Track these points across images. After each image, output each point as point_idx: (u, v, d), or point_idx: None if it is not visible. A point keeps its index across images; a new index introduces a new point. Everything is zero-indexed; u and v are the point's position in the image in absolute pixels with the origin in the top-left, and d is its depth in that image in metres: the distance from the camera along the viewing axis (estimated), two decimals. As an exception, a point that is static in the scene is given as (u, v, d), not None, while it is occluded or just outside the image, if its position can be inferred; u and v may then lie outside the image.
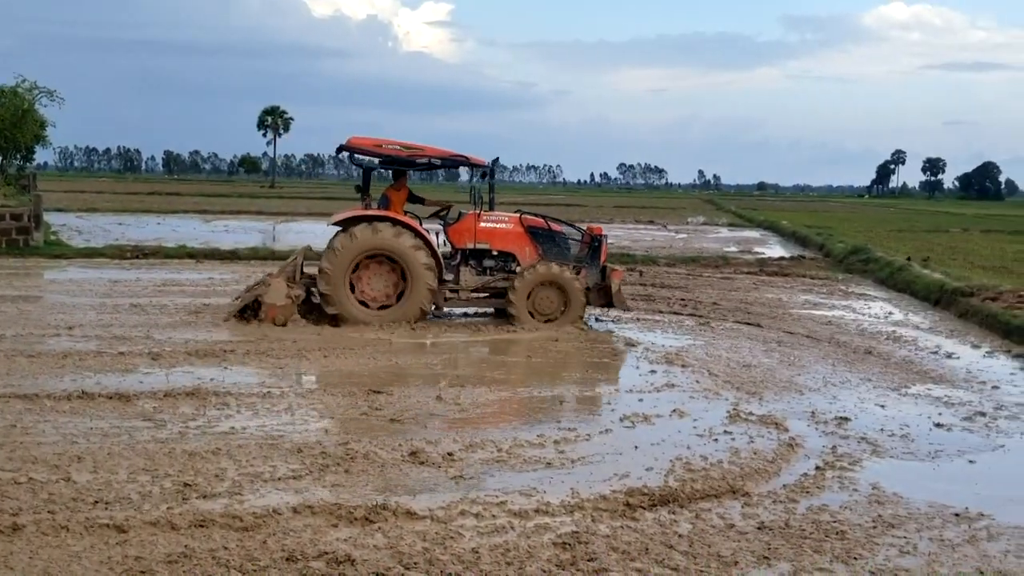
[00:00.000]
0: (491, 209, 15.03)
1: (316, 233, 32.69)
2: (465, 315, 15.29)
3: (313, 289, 14.31)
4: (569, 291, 14.43)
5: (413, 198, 15.30)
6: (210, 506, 6.26)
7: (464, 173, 16.16)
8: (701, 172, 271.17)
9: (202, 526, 5.90)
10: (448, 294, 14.60)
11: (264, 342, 12.13)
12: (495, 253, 14.94)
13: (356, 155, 14.74)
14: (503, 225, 15.01)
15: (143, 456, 7.27)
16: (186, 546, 5.57)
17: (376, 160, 14.81)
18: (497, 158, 15.43)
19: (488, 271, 14.95)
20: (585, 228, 15.88)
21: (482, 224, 14.82)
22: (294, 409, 8.96)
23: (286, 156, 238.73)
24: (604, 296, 14.91)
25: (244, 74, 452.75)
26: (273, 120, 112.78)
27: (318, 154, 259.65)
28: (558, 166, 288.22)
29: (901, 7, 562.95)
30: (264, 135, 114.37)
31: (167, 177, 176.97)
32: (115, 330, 12.57)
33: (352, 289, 14.02)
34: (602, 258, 15.21)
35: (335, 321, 13.85)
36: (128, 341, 11.84)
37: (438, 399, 9.58)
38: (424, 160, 14.77)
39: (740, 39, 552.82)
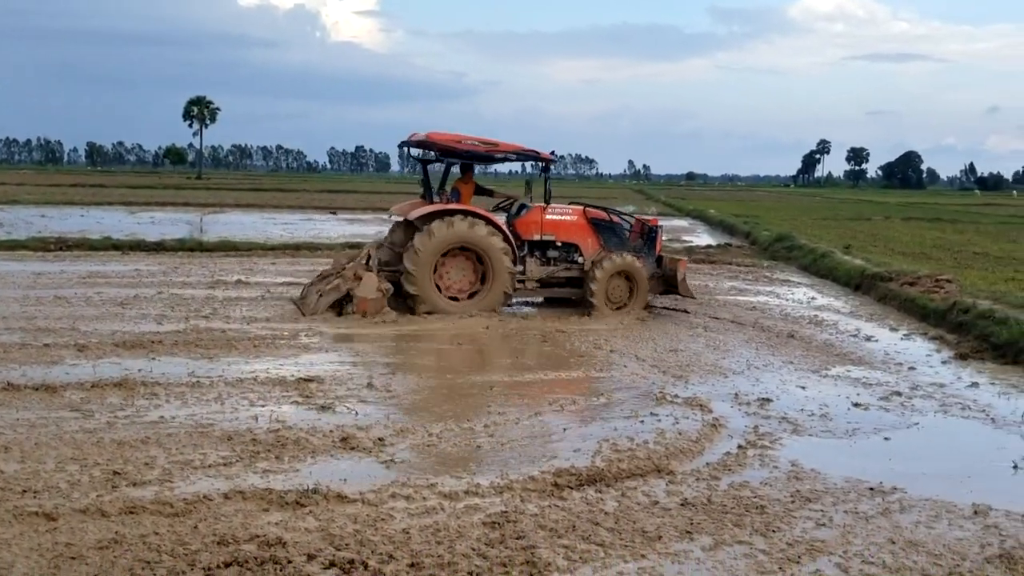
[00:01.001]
0: (548, 201, 15.55)
1: (244, 224, 32.56)
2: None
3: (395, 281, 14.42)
4: (638, 280, 15.25)
5: (480, 191, 15.97)
6: (140, 493, 6.27)
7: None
8: (631, 162, 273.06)
9: (132, 513, 5.91)
10: (515, 284, 14.91)
11: (193, 332, 12.06)
12: (559, 244, 15.54)
13: (413, 149, 15.50)
14: (568, 217, 15.64)
15: (71, 446, 7.24)
16: (116, 532, 5.58)
17: (432, 154, 15.52)
18: (553, 151, 15.79)
19: (552, 262, 15.46)
20: (639, 219, 16.55)
21: (548, 216, 15.45)
22: (224, 398, 8.95)
23: (213, 147, 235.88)
24: (662, 284, 15.78)
25: (169, 64, 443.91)
26: (199, 111, 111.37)
27: (246, 145, 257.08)
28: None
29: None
30: (190, 126, 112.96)
31: (90, 169, 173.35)
32: (39, 322, 12.39)
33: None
34: (657, 248, 16.03)
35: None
36: (53, 333, 11.69)
37: (369, 386, 9.64)
38: (501, 155, 15.33)
39: (670, 30, 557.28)
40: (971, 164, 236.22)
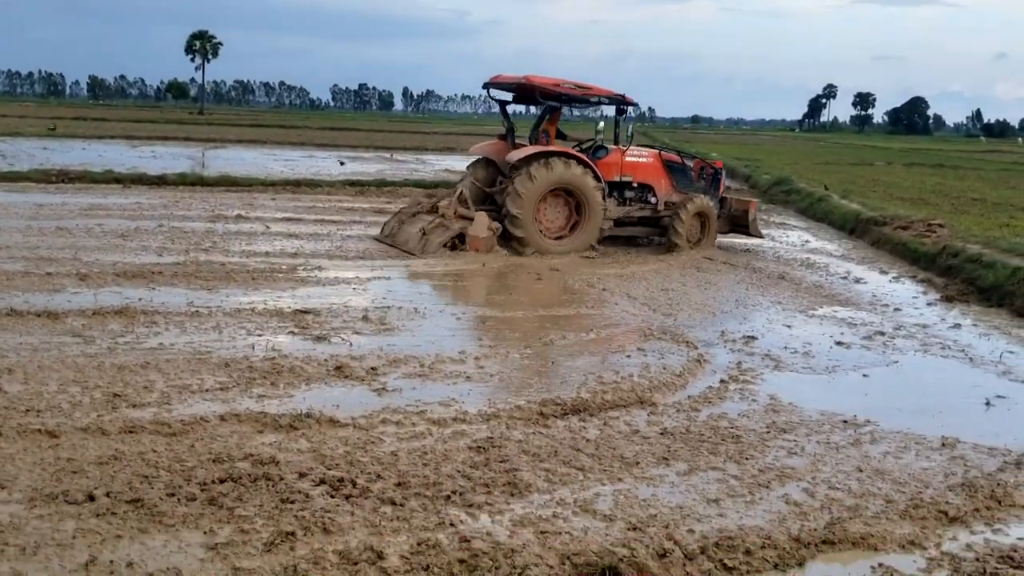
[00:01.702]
0: (629, 144, 16.27)
1: (245, 160, 32.64)
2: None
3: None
4: (711, 220, 16.20)
5: (559, 135, 16.52)
6: (139, 414, 6.51)
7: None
8: (636, 105, 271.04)
9: (131, 432, 6.16)
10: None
11: (193, 265, 12.27)
12: (635, 185, 16.22)
13: (494, 91, 16.16)
14: (645, 159, 16.45)
15: (73, 369, 7.47)
16: (116, 449, 5.84)
17: (510, 96, 16.28)
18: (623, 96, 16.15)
19: (628, 202, 16.12)
20: (705, 162, 17.74)
21: (627, 159, 16.13)
22: (222, 327, 9.17)
23: (215, 82, 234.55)
24: (728, 223, 16.91)
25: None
26: (202, 45, 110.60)
27: (248, 81, 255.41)
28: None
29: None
30: (192, 60, 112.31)
31: (92, 102, 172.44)
32: (42, 252, 12.59)
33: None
34: (720, 189, 17.09)
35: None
36: (55, 263, 11.89)
37: (364, 319, 9.86)
38: (595, 98, 15.98)
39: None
40: (978, 111, 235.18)
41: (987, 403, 7.94)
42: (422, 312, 10.41)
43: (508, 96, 16.34)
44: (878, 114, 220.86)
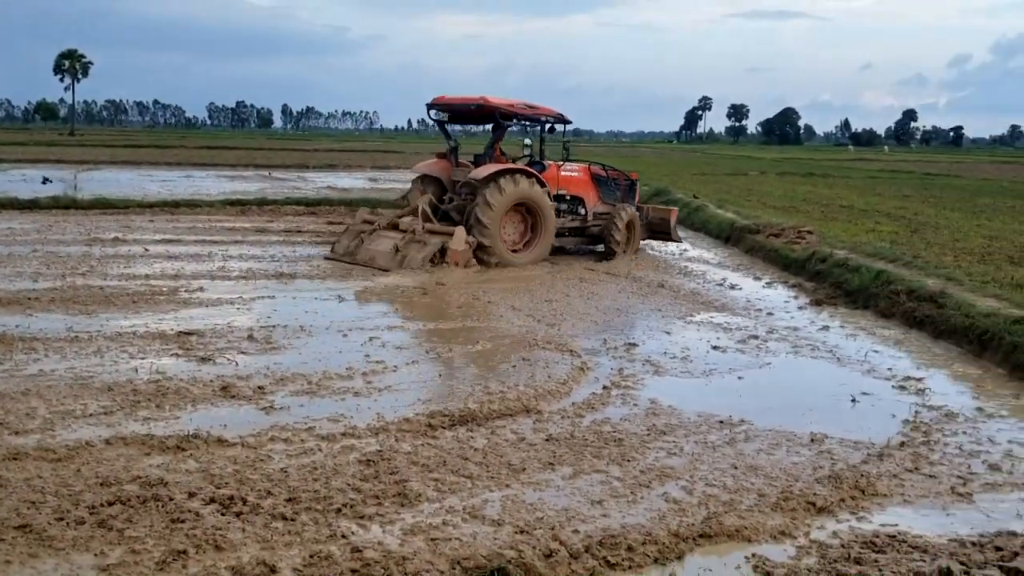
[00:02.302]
0: (566, 159, 17.40)
1: (120, 181, 31.90)
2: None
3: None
4: (636, 228, 17.59)
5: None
6: (22, 441, 6.43)
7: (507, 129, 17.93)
8: (571, 122, 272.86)
9: (15, 459, 6.08)
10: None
11: (71, 289, 12.03)
12: (568, 198, 17.34)
13: (433, 112, 16.87)
14: (577, 174, 17.61)
15: (-51, 399, 7.31)
16: (0, 476, 5.76)
17: (446, 115, 17.05)
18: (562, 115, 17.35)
19: (560, 214, 17.01)
20: (624, 174, 18.81)
21: (562, 173, 17.18)
22: (103, 352, 9.06)
23: (86, 102, 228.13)
24: (646, 231, 18.26)
25: (38, 15, 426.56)
26: (71, 64, 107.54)
27: (120, 100, 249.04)
28: (375, 112, 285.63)
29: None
30: (61, 80, 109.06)
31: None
32: (-91, 281, 12.20)
33: None
34: (636, 199, 18.47)
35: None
36: (-76, 291, 11.53)
37: (249, 339, 9.84)
38: (543, 118, 16.97)
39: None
40: (846, 120, 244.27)
41: (853, 400, 8.36)
42: (308, 330, 10.42)
43: (445, 116, 17.08)
44: (752, 125, 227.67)
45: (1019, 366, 9.12)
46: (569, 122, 17.35)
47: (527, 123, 17.40)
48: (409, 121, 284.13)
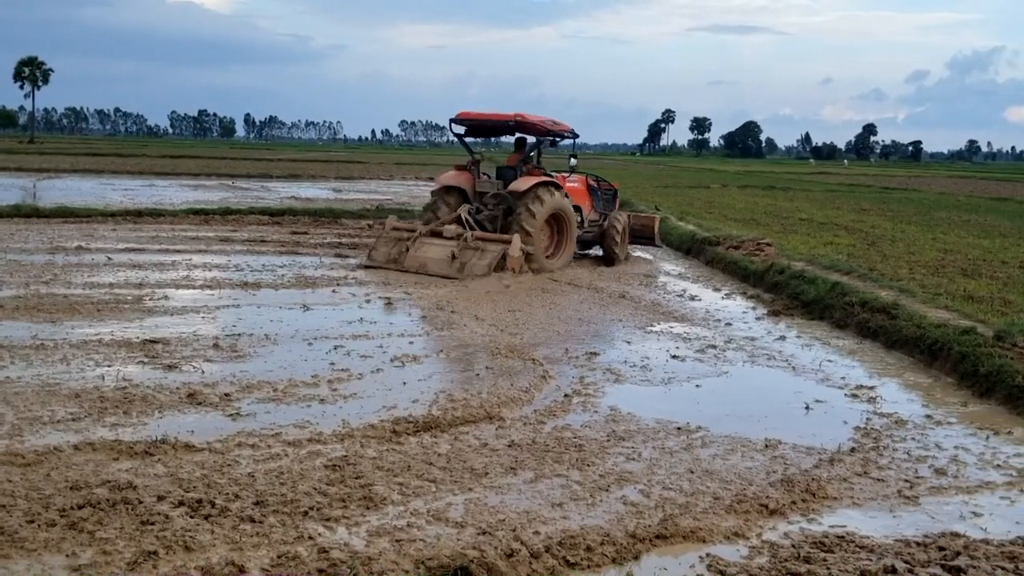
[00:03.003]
0: (572, 171, 18.65)
1: (82, 190, 31.75)
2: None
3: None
4: (627, 234, 19.12)
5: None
6: (-10, 447, 6.51)
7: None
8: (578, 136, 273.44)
9: (-17, 464, 6.17)
10: None
11: (35, 298, 12.05)
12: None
13: (455, 127, 18.02)
14: (577, 185, 18.63)
15: (-84, 405, 7.36)
16: (-31, 481, 5.85)
17: (461, 129, 18.08)
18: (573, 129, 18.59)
19: None
20: (608, 184, 20.16)
21: (568, 184, 18.05)
22: (69, 359, 9.11)
23: (46, 110, 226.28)
24: (630, 236, 19.65)
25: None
26: (31, 72, 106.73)
27: (81, 108, 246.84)
28: (338, 122, 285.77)
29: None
30: (21, 87, 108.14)
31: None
32: None
33: None
34: (616, 206, 19.79)
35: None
36: None
37: (215, 347, 9.93)
38: (562, 133, 18.07)
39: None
40: (807, 134, 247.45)
41: (807, 407, 8.60)
42: (273, 339, 10.53)
43: (461, 130, 18.10)
44: (714, 138, 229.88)
45: (967, 375, 9.40)
46: (578, 136, 18.81)
47: (554, 138, 18.31)
48: (373, 131, 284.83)
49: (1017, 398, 8.54)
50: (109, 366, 8.98)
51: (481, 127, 18.29)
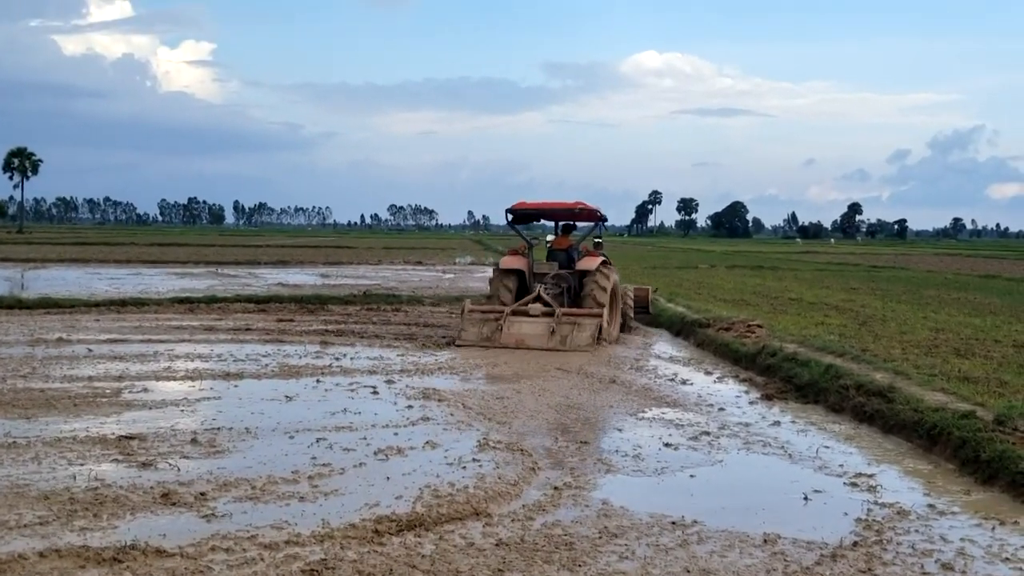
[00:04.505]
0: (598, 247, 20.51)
1: (68, 280, 31.54)
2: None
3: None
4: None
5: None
6: (-51, 556, 6.17)
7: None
8: (471, 213, 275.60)
9: (-60, 576, 5.84)
10: None
11: (10, 392, 11.74)
12: None
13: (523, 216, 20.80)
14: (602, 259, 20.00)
15: None
16: (-78, 596, 5.52)
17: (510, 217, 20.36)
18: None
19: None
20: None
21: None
22: (41, 458, 8.80)
23: (36, 200, 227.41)
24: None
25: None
26: (20, 163, 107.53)
27: (71, 197, 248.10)
28: (327, 208, 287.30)
29: (654, 55, 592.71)
30: (11, 178, 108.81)
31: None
32: None
33: None
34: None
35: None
36: None
37: (192, 442, 9.63)
38: (601, 216, 21.06)
39: (505, 84, 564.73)
40: (793, 213, 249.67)
41: (805, 498, 8.29)
42: (253, 432, 10.23)
43: (509, 217, 20.34)
44: (701, 218, 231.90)
45: (968, 461, 9.12)
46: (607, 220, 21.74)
47: (598, 222, 21.48)
48: (362, 216, 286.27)
49: (1021, 485, 8.25)
50: (82, 464, 8.67)
51: (539, 214, 21.01)
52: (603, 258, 19.30)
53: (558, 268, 19.24)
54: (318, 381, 13.56)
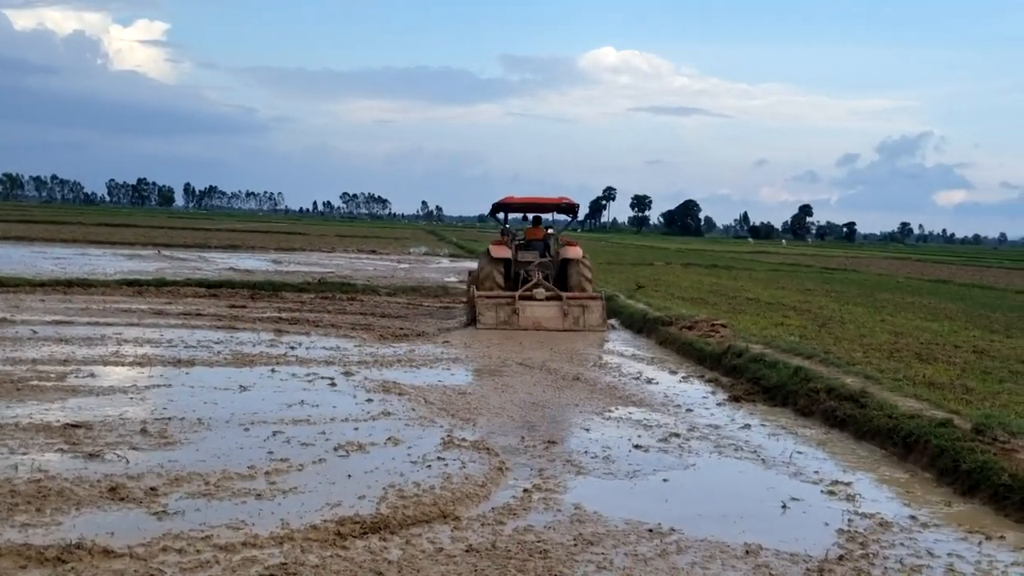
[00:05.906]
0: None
1: (12, 258, 30.63)
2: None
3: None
4: None
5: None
6: None
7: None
8: (425, 203, 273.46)
9: None
10: None
11: (-53, 374, 11.17)
12: None
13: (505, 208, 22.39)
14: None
15: None
16: None
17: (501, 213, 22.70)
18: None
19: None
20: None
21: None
22: (-20, 446, 8.31)
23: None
24: None
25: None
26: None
27: (17, 174, 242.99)
28: (279, 193, 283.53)
29: (612, 52, 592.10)
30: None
31: None
32: None
33: None
34: None
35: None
36: None
37: (142, 432, 9.16)
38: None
39: (464, 75, 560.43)
40: (745, 213, 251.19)
41: (783, 506, 8.01)
42: (206, 423, 9.78)
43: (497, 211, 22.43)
44: (654, 215, 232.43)
45: (946, 471, 8.90)
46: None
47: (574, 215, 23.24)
48: (314, 203, 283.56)
49: (1004, 498, 8.03)
50: (24, 454, 8.18)
51: (524, 208, 22.46)
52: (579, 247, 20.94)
53: (538, 257, 20.74)
54: (273, 371, 13.11)
